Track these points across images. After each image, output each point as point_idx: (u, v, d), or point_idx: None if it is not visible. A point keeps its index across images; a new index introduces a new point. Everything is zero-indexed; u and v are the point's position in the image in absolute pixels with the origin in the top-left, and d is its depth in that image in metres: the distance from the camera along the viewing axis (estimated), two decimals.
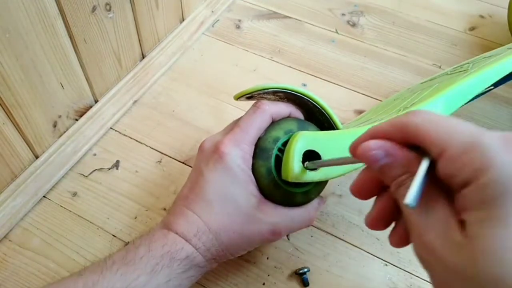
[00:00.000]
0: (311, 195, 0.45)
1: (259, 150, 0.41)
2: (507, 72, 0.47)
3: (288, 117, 0.44)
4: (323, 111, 0.43)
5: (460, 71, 0.52)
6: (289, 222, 0.41)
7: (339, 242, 0.53)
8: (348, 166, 0.42)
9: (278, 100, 0.45)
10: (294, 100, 0.44)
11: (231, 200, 0.37)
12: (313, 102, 0.43)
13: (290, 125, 0.43)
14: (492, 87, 0.50)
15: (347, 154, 0.42)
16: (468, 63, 0.57)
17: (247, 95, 0.42)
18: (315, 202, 0.45)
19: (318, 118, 0.45)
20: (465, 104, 0.47)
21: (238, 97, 0.42)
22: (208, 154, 0.39)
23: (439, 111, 0.45)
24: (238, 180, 0.38)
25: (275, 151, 0.41)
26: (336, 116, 0.44)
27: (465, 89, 0.46)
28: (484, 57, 0.56)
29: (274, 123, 0.43)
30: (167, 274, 0.34)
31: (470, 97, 0.47)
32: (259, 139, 0.42)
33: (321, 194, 0.47)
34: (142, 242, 0.37)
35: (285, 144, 0.42)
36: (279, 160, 0.41)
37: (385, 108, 0.55)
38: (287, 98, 0.44)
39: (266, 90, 0.41)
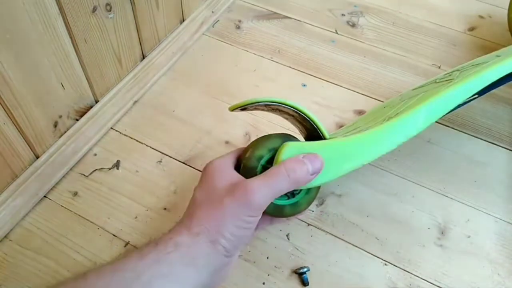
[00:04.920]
0: (301, 206, 0.45)
1: (244, 169, 0.43)
2: (488, 83, 0.48)
3: (272, 134, 0.45)
4: (310, 121, 0.44)
5: (447, 80, 0.53)
6: (261, 178, 0.40)
7: (339, 242, 0.53)
8: (336, 174, 0.44)
9: (271, 111, 0.46)
10: (286, 112, 0.45)
11: (214, 191, 0.40)
12: (300, 113, 0.43)
13: (273, 143, 0.44)
14: (476, 96, 0.51)
15: (331, 164, 0.43)
16: (457, 70, 0.57)
17: (241, 107, 0.43)
18: (296, 156, 0.42)
19: (308, 127, 0.46)
20: (449, 112, 0.48)
21: (232, 109, 0.43)
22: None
23: (421, 122, 0.46)
24: (220, 176, 0.41)
25: (259, 169, 0.43)
26: (322, 125, 0.45)
27: (446, 100, 0.47)
28: (473, 64, 0.56)
29: (258, 141, 0.44)
30: (169, 271, 0.36)
31: (451, 107, 0.48)
32: (244, 158, 0.43)
33: (321, 192, 0.47)
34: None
35: (268, 161, 0.43)
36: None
37: (375, 115, 0.55)
38: (278, 109, 0.45)
39: (258, 103, 0.42)
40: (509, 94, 0.70)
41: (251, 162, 0.43)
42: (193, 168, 0.59)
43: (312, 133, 0.46)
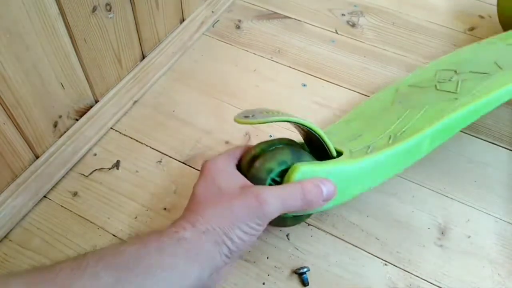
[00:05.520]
0: (302, 218, 0.47)
1: (252, 178, 0.42)
2: (498, 104, 0.48)
3: (283, 147, 0.45)
4: (319, 138, 0.44)
5: (449, 91, 0.53)
6: (276, 191, 0.40)
7: (339, 242, 0.53)
8: (343, 199, 0.45)
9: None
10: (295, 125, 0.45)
11: (216, 189, 0.40)
12: (310, 130, 0.43)
13: (284, 156, 0.43)
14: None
15: (340, 188, 0.42)
16: (455, 72, 0.56)
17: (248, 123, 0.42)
18: (314, 178, 0.41)
19: (313, 140, 0.46)
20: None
21: (240, 122, 0.41)
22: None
23: (426, 145, 0.48)
24: (222, 174, 0.41)
25: (268, 182, 0.42)
26: (330, 143, 0.44)
27: (453, 123, 0.48)
28: (471, 71, 0.56)
29: (268, 153, 0.44)
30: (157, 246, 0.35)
31: (458, 130, 0.48)
32: (252, 167, 0.43)
33: None
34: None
35: (279, 174, 0.43)
36: None
37: (374, 119, 0.54)
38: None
39: (269, 122, 0.41)
40: None
41: (260, 173, 0.42)
42: (193, 168, 0.59)
43: (316, 144, 0.45)
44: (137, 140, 0.62)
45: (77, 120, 0.59)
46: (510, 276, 0.51)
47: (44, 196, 0.55)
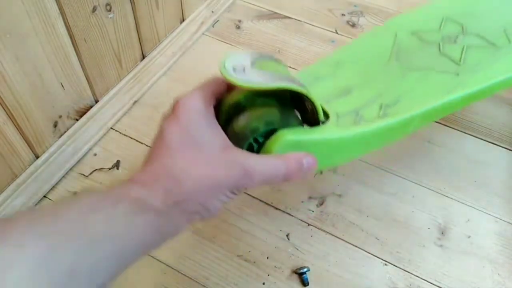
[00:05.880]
0: None
1: (233, 134, 0.38)
2: (499, 90, 0.47)
3: (271, 103, 0.40)
4: (312, 104, 0.41)
5: (452, 62, 0.49)
6: (261, 166, 0.36)
7: (339, 242, 0.53)
8: (323, 166, 0.41)
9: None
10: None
11: (193, 142, 0.34)
12: (305, 96, 0.40)
13: (272, 117, 0.39)
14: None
15: (324, 158, 0.39)
16: (461, 28, 0.51)
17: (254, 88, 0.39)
18: (296, 153, 0.38)
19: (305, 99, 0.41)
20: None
21: (224, 75, 0.37)
22: (167, 112, 0.36)
23: (418, 121, 0.44)
24: (199, 122, 0.34)
25: (250, 140, 0.38)
26: (321, 110, 0.40)
27: (451, 105, 0.45)
28: (475, 13, 0.51)
29: (255, 108, 0.39)
30: (110, 214, 0.28)
31: (455, 111, 0.46)
32: (235, 121, 0.38)
33: (321, 192, 0.47)
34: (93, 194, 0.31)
35: (263, 135, 0.39)
36: (250, 148, 0.39)
37: (368, 77, 0.50)
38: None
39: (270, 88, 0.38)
40: (509, 94, 0.70)
41: (244, 132, 0.38)
42: None
43: (304, 103, 0.41)
44: (137, 140, 0.62)
45: (77, 120, 0.59)
46: (510, 276, 0.51)
47: (44, 196, 0.55)
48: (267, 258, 0.51)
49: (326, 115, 0.42)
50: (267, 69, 0.38)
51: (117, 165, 0.59)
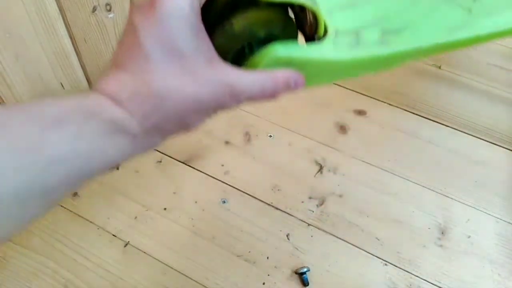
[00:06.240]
0: None
1: (225, 36, 0.33)
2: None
3: (275, 10, 0.35)
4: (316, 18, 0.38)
5: (465, 7, 0.46)
6: (248, 84, 0.32)
7: (339, 242, 0.53)
8: (310, 85, 0.37)
9: None
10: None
11: (177, 53, 0.29)
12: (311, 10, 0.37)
13: (274, 24, 0.35)
14: None
15: (319, 74, 0.36)
16: None
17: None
18: (284, 70, 0.35)
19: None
20: None
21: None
22: (142, 3, 0.30)
23: (418, 54, 0.42)
24: (184, 28, 0.29)
25: (241, 46, 0.34)
26: (323, 24, 0.36)
27: (453, 44, 0.43)
28: None
29: (259, 10, 0.34)
30: (78, 132, 0.25)
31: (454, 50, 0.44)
32: (228, 22, 0.33)
33: (321, 192, 0.47)
34: (48, 99, 0.26)
35: (260, 42, 0.34)
36: (240, 55, 0.34)
37: None
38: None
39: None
40: (509, 94, 0.70)
41: (239, 36, 0.33)
42: (193, 168, 0.59)
43: (303, 13, 0.37)
44: None
45: None
46: (510, 276, 0.51)
47: None
48: (267, 258, 0.51)
49: (325, 31, 0.38)
50: None
51: (117, 165, 0.59)
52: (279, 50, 0.34)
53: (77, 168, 0.25)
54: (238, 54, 0.34)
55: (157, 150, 0.61)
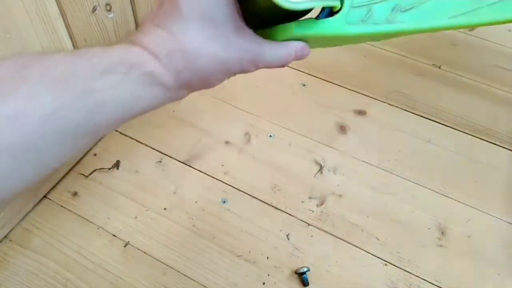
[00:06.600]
0: None
1: (249, 2, 0.35)
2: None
3: None
4: None
5: None
6: (268, 55, 0.37)
7: (339, 242, 0.53)
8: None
9: None
10: None
11: (211, 20, 0.32)
12: None
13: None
14: None
15: (322, 44, 0.39)
16: None
17: None
18: (298, 43, 0.39)
19: None
20: None
21: None
22: None
23: (419, 30, 0.43)
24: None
25: (266, 17, 0.36)
26: None
27: (459, 25, 0.43)
28: None
29: None
30: (123, 81, 0.29)
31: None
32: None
33: (321, 192, 0.47)
34: (94, 49, 0.30)
35: (280, 17, 0.36)
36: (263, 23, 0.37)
37: None
38: None
39: None
40: (509, 94, 0.70)
41: (262, 11, 0.35)
42: (193, 168, 0.59)
43: None
44: (137, 140, 0.62)
45: None
46: (510, 276, 0.51)
47: (44, 196, 0.55)
48: (267, 258, 0.51)
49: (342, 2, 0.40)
50: None
51: (117, 165, 0.59)
52: (296, 29, 0.37)
53: (120, 111, 0.29)
54: (262, 23, 0.36)
55: (157, 150, 0.61)
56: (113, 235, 0.52)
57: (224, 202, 0.56)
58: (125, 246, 0.52)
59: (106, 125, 0.29)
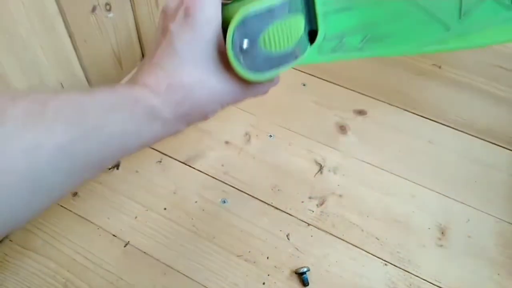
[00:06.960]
0: None
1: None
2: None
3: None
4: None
5: (447, 23, 0.45)
6: (258, 88, 0.41)
7: (339, 242, 0.53)
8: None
9: None
10: None
11: (205, 57, 0.35)
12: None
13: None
14: None
15: None
16: None
17: None
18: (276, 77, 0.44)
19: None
20: None
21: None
22: (174, 11, 0.35)
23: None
24: (212, 36, 0.34)
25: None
26: (321, 22, 0.40)
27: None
28: None
29: None
30: (128, 116, 0.31)
31: None
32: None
33: (321, 192, 0.47)
34: (101, 88, 0.32)
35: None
36: None
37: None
38: None
39: None
40: (509, 94, 0.70)
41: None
42: (193, 168, 0.59)
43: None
44: None
45: None
46: (510, 276, 0.51)
47: None
48: (267, 258, 0.51)
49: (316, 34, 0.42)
50: None
51: (117, 165, 0.59)
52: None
53: (124, 145, 0.32)
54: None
55: (157, 150, 0.61)
56: (113, 235, 0.52)
57: (224, 202, 0.56)
58: (125, 246, 0.52)
59: (111, 157, 0.31)
